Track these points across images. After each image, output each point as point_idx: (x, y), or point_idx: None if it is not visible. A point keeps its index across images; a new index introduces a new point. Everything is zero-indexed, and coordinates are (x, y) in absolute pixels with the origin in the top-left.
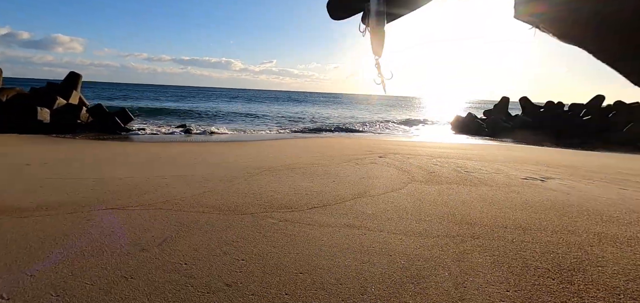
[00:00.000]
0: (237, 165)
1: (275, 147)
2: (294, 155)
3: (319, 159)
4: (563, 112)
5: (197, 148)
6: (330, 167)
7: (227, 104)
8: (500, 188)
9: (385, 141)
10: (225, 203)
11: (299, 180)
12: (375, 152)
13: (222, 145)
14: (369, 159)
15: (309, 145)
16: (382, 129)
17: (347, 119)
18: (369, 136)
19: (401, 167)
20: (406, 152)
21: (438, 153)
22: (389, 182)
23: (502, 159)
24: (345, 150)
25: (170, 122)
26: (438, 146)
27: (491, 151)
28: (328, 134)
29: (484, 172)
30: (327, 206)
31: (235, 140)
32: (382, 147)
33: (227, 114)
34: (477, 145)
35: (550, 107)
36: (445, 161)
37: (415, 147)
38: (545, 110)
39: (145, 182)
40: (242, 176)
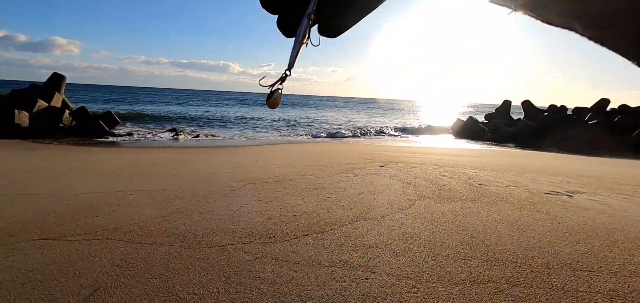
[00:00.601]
0: (219, 176)
1: (267, 154)
2: (285, 164)
3: (312, 169)
4: (567, 116)
5: (181, 155)
6: (325, 178)
7: (221, 108)
8: (524, 206)
9: (386, 147)
10: (192, 230)
11: (287, 197)
12: (376, 161)
13: (209, 152)
14: (369, 169)
15: (303, 152)
16: (382, 134)
17: (345, 123)
18: (368, 142)
19: (406, 179)
20: (410, 161)
21: (444, 162)
22: (393, 199)
23: (515, 168)
24: (342, 158)
25: (163, 126)
26: (443, 153)
27: (500, 159)
28: (325, 140)
29: (500, 185)
30: (319, 233)
31: (225, 145)
32: (383, 155)
33: (222, 117)
34: (483, 152)
35: (554, 111)
36: (454, 171)
37: (418, 154)
38: (549, 114)
39: (103, 199)
40: (221, 191)
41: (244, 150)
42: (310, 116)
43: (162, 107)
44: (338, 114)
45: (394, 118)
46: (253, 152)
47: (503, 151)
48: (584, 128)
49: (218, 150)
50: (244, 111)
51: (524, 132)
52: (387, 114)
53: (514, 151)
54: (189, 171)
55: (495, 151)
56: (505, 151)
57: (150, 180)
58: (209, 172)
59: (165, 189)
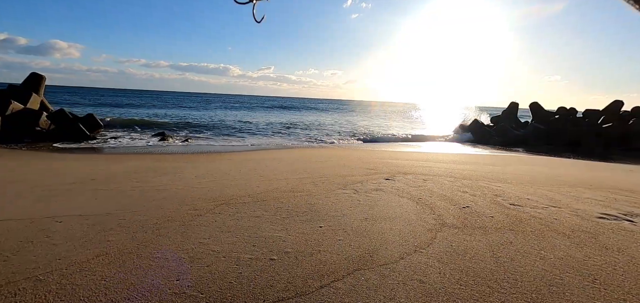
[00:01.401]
0: (187, 194)
1: (253, 163)
2: (272, 177)
3: (304, 183)
4: (577, 119)
5: (155, 164)
6: (318, 196)
7: (219, 112)
8: (582, 241)
9: (390, 154)
10: (111, 295)
11: (266, 226)
12: (380, 172)
13: (189, 160)
14: (373, 183)
15: (296, 160)
16: (383, 137)
17: (345, 127)
18: (370, 148)
19: (420, 198)
20: (419, 171)
21: (459, 172)
22: (407, 229)
23: (543, 181)
24: (341, 167)
25: (152, 130)
26: (454, 160)
27: (519, 167)
28: (323, 144)
29: (537, 206)
30: (304, 296)
31: (211, 151)
32: (388, 164)
33: (218, 121)
34: (496, 158)
35: (564, 114)
36: (475, 185)
37: (428, 162)
38: (560, 117)
39: (18, 230)
40: (181, 217)
41: (230, 157)
42: (309, 119)
43: (158, 110)
44: (338, 117)
45: (395, 121)
46: (239, 159)
47: (518, 157)
48: (598, 132)
49: (200, 158)
50: (242, 115)
51: (533, 136)
52: (388, 117)
53: (529, 157)
54: (152, 187)
55: (509, 157)
56: (520, 157)
57: (99, 201)
58: (177, 187)
59: (110, 214)
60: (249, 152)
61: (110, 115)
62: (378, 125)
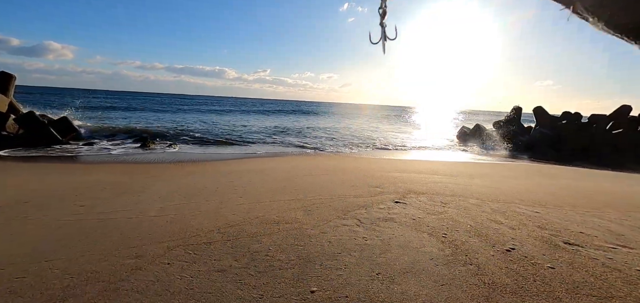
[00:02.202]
0: (138, 226)
1: (236, 176)
2: (254, 198)
3: (293, 208)
4: (584, 124)
5: (121, 177)
6: (311, 232)
7: (209, 116)
8: None
9: (393, 164)
10: None
11: (230, 291)
12: (387, 190)
13: (163, 171)
14: (380, 207)
15: (286, 173)
16: (383, 143)
17: (342, 132)
18: (371, 156)
19: (444, 232)
20: (432, 188)
21: (480, 189)
22: (439, 296)
23: (581, 200)
24: (339, 185)
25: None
26: (467, 172)
27: (544, 182)
28: (318, 152)
29: (599, 244)
30: None
31: (190, 160)
32: (394, 179)
33: (208, 125)
34: (512, 168)
35: (569, 119)
36: (507, 210)
37: (438, 175)
38: (567, 123)
39: None
40: (112, 271)
41: (212, 168)
42: (304, 124)
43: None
44: (334, 122)
45: (393, 125)
46: (221, 171)
47: (536, 168)
48: (607, 138)
49: (177, 169)
50: (235, 119)
51: (539, 142)
52: (386, 121)
53: (545, 168)
54: (98, 214)
55: (524, 167)
56: (538, 168)
57: (13, 236)
58: (129, 216)
59: (12, 265)
60: (235, 161)
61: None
62: (376, 130)
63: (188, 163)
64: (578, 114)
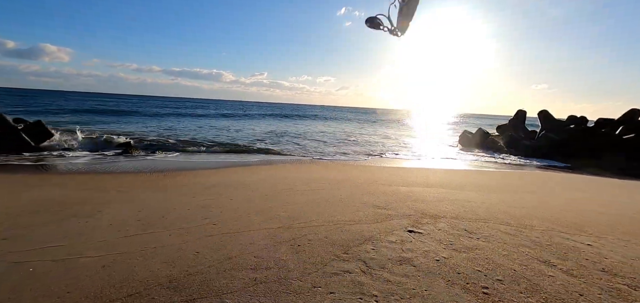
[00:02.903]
0: (42, 287)
1: (213, 193)
2: (226, 227)
3: (278, 244)
4: (592, 128)
5: (72, 193)
6: (298, 282)
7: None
8: None
9: (399, 175)
10: None
11: None
12: (396, 212)
13: (130, 184)
14: (390, 241)
15: (274, 187)
16: (383, 149)
17: (340, 137)
18: (371, 163)
19: (484, 284)
20: (451, 210)
21: (507, 209)
22: None
23: (633, 224)
24: (336, 205)
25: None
26: (484, 185)
27: (574, 196)
28: (315, 159)
29: None
30: None
31: (167, 170)
32: (403, 196)
33: (200, 129)
34: (527, 178)
35: (576, 122)
36: (552, 243)
37: (453, 191)
38: (575, 127)
39: None
40: None
41: (189, 180)
42: (301, 129)
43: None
44: (332, 126)
45: (392, 129)
46: (197, 184)
47: (556, 178)
48: (618, 143)
49: (147, 182)
50: (230, 123)
51: (546, 147)
52: (384, 125)
53: (562, 177)
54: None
55: (541, 177)
56: (557, 178)
57: None
58: (44, 262)
59: None
60: (220, 172)
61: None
62: (375, 135)
63: (167, 173)
64: (584, 118)
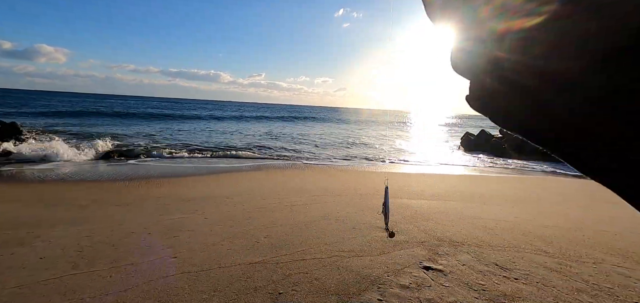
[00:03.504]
0: None
1: (185, 212)
2: (193, 263)
3: (254, 288)
4: None
5: (20, 211)
6: None
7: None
8: None
9: (404, 181)
10: None
11: None
12: (403, 235)
13: (89, 199)
14: (403, 286)
15: (261, 203)
16: (383, 152)
17: (337, 139)
18: (371, 169)
19: None
20: (473, 233)
21: (546, 234)
22: None
23: None
24: (332, 225)
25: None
26: (502, 194)
27: (610, 212)
28: (310, 164)
29: None
30: None
31: (144, 178)
32: (413, 212)
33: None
34: (545, 185)
35: None
36: (610, 280)
37: (468, 203)
38: None
39: None
40: None
41: (165, 190)
42: (296, 130)
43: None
44: (329, 128)
45: (391, 131)
46: (172, 198)
47: (575, 184)
48: None
49: (114, 195)
50: (226, 125)
51: None
52: (383, 126)
53: (587, 183)
54: None
55: (562, 183)
56: (577, 184)
57: None
58: None
59: None
60: (203, 179)
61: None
62: (374, 137)
63: (142, 183)
64: None
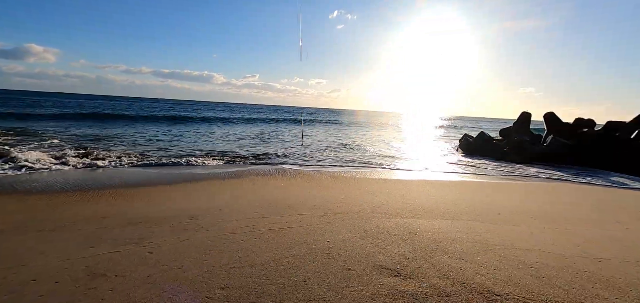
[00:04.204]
0: None
1: (129, 239)
2: None
3: None
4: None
5: None
6: None
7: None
8: None
9: (407, 192)
10: None
11: None
12: (419, 282)
13: (5, 222)
14: None
15: (227, 227)
16: (380, 156)
17: (331, 140)
18: (369, 175)
19: None
20: (513, 274)
21: (616, 278)
22: None
23: None
24: (319, 263)
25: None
26: (526, 211)
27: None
28: (298, 170)
29: None
30: None
31: (95, 189)
32: (426, 240)
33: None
34: (576, 193)
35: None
36: None
37: (496, 226)
38: (587, 131)
39: None
40: None
41: (105, 207)
42: (288, 132)
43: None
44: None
45: (386, 133)
46: (108, 221)
47: (614, 196)
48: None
49: (30, 214)
50: (213, 128)
51: (557, 154)
52: (377, 128)
53: (608, 193)
54: None
55: (582, 192)
56: (615, 196)
57: None
58: None
59: None
60: (165, 190)
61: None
62: (369, 139)
63: (92, 195)
64: (592, 121)
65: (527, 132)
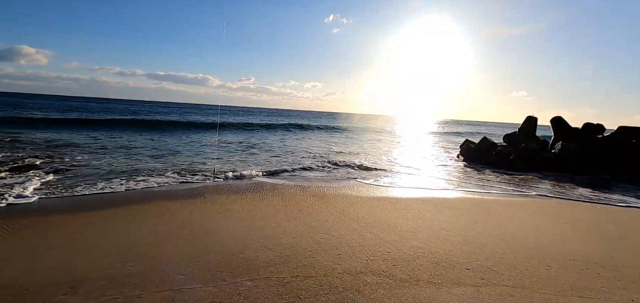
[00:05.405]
0: None
1: None
2: None
3: None
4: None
5: None
6: None
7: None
8: None
9: (410, 216)
10: None
11: None
12: None
13: None
14: None
15: (158, 283)
16: (376, 165)
17: (322, 146)
18: (367, 194)
19: None
20: None
21: None
22: None
23: None
24: None
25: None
26: (574, 254)
27: None
28: (279, 186)
29: None
30: None
31: (12, 214)
32: None
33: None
34: (621, 217)
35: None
36: None
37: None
38: (606, 138)
39: None
40: None
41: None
42: (277, 138)
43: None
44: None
45: (382, 137)
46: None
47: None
48: None
49: None
50: (199, 135)
51: (567, 160)
52: (372, 132)
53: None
54: None
55: (622, 215)
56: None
57: None
58: None
59: None
60: (96, 216)
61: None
62: (364, 145)
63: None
64: (601, 126)
65: (534, 138)
